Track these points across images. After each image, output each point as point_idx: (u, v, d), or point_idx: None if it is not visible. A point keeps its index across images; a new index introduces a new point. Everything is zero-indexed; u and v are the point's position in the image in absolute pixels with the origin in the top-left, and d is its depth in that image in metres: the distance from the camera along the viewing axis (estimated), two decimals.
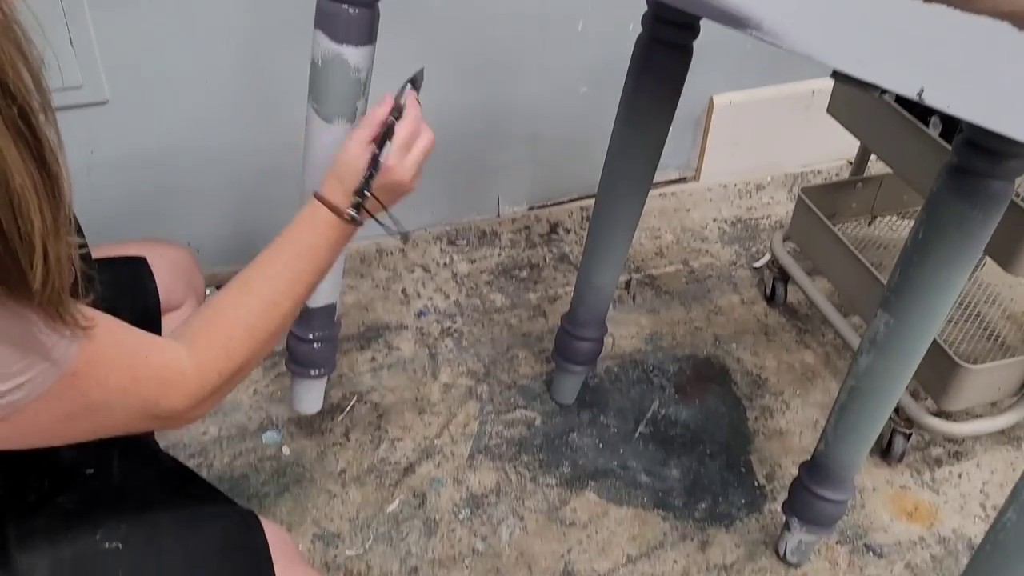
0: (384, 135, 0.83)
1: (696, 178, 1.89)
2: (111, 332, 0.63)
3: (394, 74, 1.17)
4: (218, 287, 0.88)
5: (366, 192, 0.81)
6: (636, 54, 1.09)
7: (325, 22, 0.96)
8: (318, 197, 0.82)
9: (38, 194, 0.51)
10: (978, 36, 0.55)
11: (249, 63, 1.37)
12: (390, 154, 0.82)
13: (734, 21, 0.66)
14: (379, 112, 0.84)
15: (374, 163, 0.81)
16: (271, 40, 1.36)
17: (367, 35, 0.97)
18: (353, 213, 0.81)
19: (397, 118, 0.84)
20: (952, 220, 0.84)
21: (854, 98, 1.36)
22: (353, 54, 0.96)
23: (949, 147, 1.13)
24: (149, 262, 0.98)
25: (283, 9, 1.32)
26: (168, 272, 1.00)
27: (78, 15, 1.22)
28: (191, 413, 0.70)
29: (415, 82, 0.90)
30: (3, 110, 0.48)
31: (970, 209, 0.82)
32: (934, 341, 1.15)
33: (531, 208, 1.78)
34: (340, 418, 1.34)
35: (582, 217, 1.77)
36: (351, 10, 0.95)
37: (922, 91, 0.59)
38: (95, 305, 0.61)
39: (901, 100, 1.29)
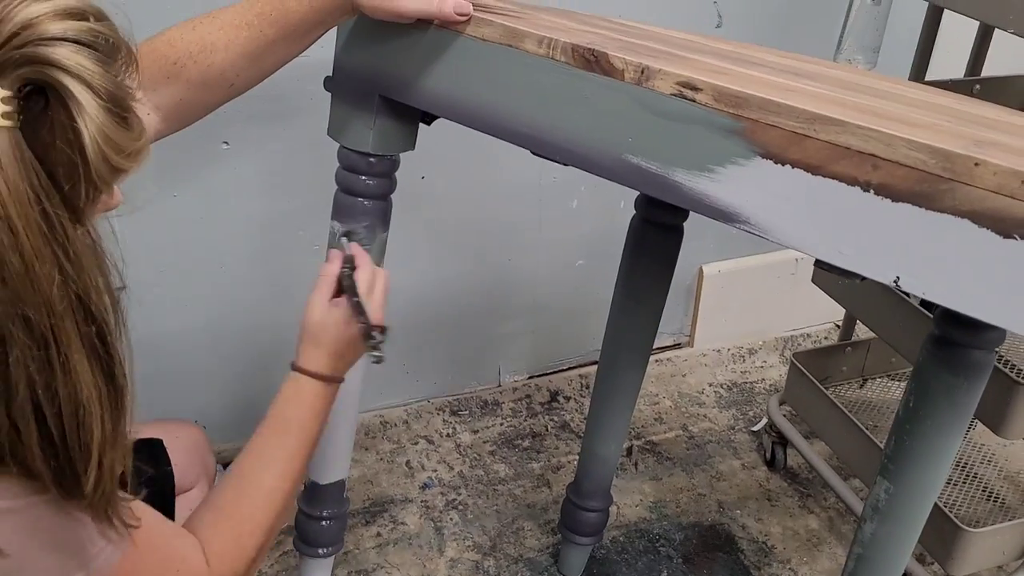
0: (341, 289, 0.83)
1: (690, 344, 1.94)
2: (149, 538, 0.65)
3: (399, 253, 1.24)
4: (226, 465, 0.90)
5: (374, 333, 0.80)
6: (631, 235, 1.16)
7: (342, 214, 1.03)
8: (299, 369, 0.82)
9: (102, 406, 0.55)
10: (943, 232, 0.61)
11: (263, 248, 1.45)
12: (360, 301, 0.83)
13: (724, 216, 0.73)
14: (331, 268, 0.86)
15: (359, 310, 0.81)
16: (284, 225, 1.44)
17: (381, 224, 1.04)
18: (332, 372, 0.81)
19: (352, 268, 0.85)
20: (939, 389, 0.88)
21: None
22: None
23: (929, 315, 1.19)
24: (164, 443, 1.00)
25: (295, 197, 1.41)
26: (182, 453, 1.03)
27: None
28: None
29: (349, 235, 0.92)
30: (83, 331, 0.52)
31: (955, 378, 0.87)
32: (936, 505, 1.17)
33: (531, 376, 1.82)
34: None
35: (581, 385, 1.80)
36: (366, 203, 1.02)
37: (898, 279, 0.64)
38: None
39: None
